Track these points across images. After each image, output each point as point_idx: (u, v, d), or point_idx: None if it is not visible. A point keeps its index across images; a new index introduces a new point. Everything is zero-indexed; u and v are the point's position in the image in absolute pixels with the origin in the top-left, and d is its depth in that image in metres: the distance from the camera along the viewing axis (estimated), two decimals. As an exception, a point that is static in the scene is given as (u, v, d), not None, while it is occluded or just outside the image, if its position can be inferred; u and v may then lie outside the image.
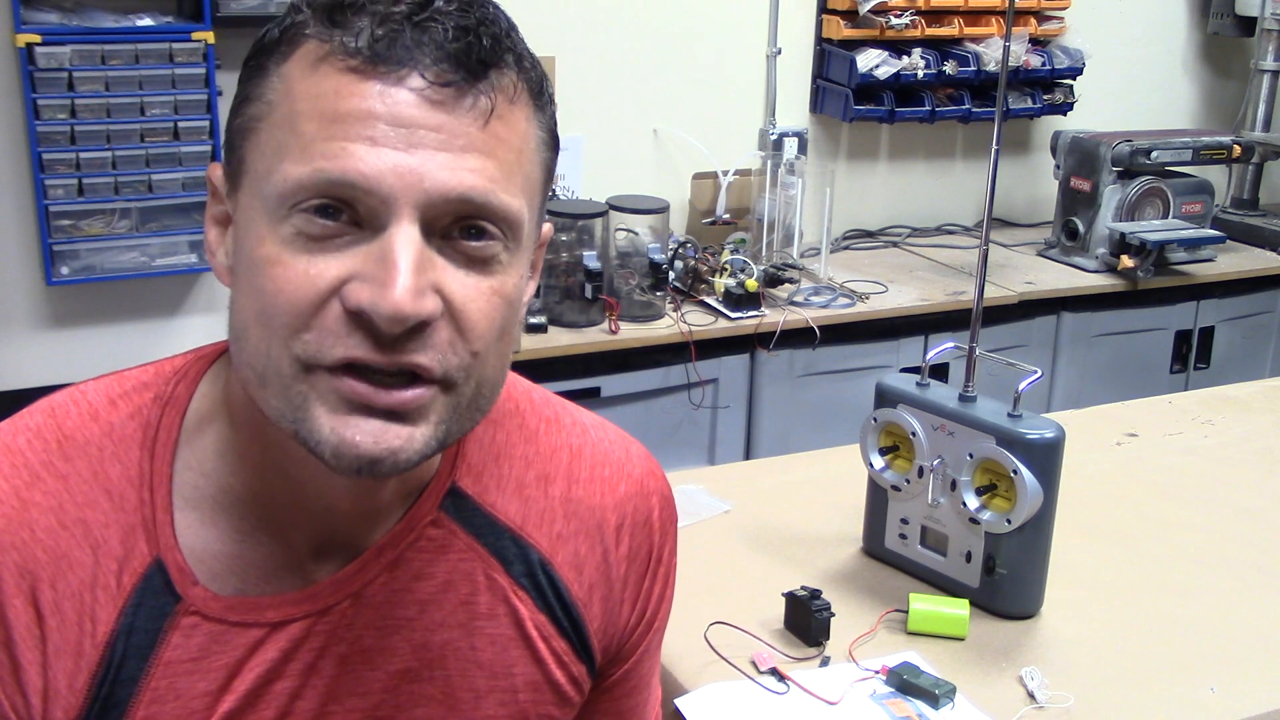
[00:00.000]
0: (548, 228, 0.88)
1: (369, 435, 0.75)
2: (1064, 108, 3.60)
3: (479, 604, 0.91)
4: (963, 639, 1.42)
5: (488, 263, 0.77)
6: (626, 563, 0.98)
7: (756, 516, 1.69)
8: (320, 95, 0.74)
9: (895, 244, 3.56)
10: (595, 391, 2.72)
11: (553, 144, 0.83)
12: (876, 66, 3.28)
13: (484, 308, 0.76)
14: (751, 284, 2.85)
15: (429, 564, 0.90)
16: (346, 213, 0.74)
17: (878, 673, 1.33)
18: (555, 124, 0.83)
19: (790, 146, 3.26)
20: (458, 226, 0.76)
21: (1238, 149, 3.52)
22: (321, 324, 0.74)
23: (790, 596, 1.40)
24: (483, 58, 0.75)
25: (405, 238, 0.73)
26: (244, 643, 0.85)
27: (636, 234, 2.82)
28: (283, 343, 0.74)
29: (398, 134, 0.73)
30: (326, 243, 0.74)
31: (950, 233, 3.69)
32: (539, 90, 0.80)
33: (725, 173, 3.26)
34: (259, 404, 0.78)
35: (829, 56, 3.37)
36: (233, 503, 0.85)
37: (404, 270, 0.72)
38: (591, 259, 2.71)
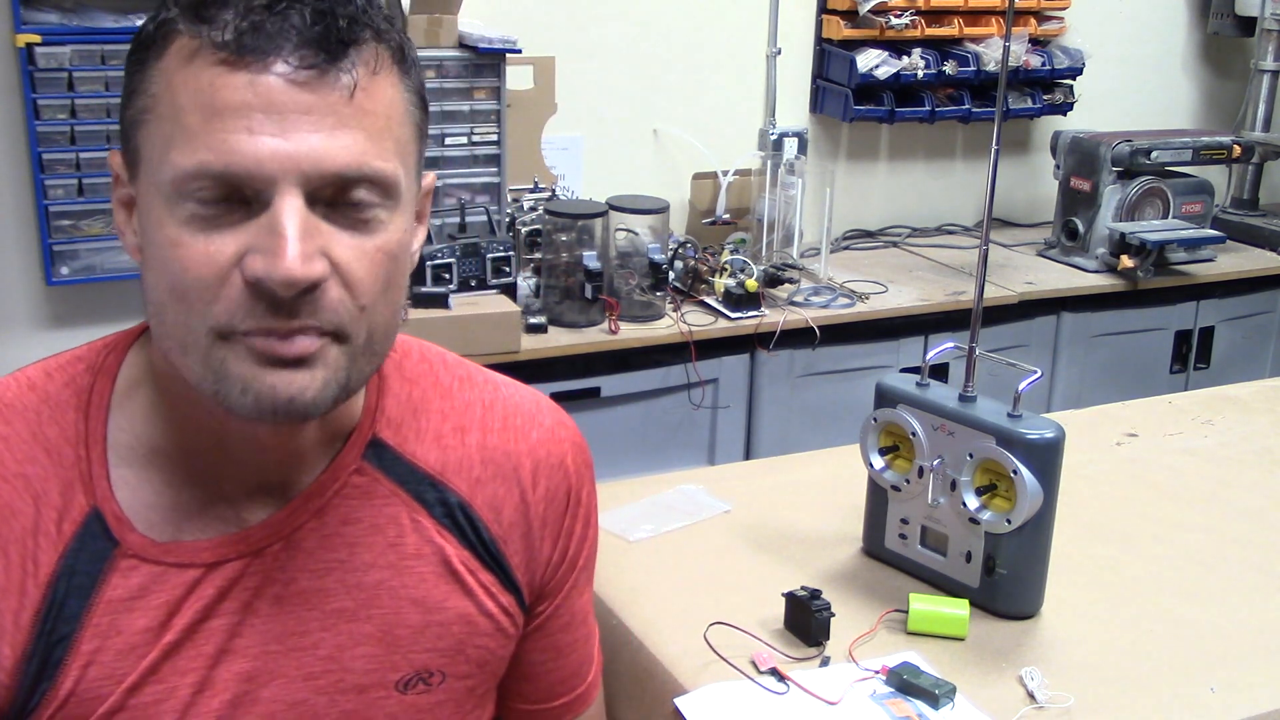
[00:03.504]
0: (429, 178, 0.96)
1: (278, 382, 0.83)
2: (1064, 108, 3.60)
3: (406, 545, 0.99)
4: (963, 639, 1.42)
5: (369, 223, 0.84)
6: (545, 503, 1.06)
7: (756, 516, 1.69)
8: (198, 90, 0.80)
9: (895, 244, 3.56)
10: (595, 391, 2.72)
11: (421, 104, 0.90)
12: (876, 66, 3.29)
13: (368, 265, 0.84)
14: (751, 284, 2.85)
15: (355, 509, 0.97)
16: (235, 192, 0.81)
17: (878, 673, 1.33)
18: (422, 84, 0.91)
19: (790, 146, 3.26)
20: (339, 195, 0.83)
21: (1238, 149, 3.52)
22: (227, 295, 0.81)
23: (790, 596, 1.40)
24: (341, 38, 0.82)
25: (290, 210, 0.80)
26: (182, 582, 0.92)
27: (636, 234, 2.82)
28: (199, 316, 0.82)
29: (272, 120, 0.80)
30: (220, 220, 0.81)
31: (950, 233, 3.70)
32: (401, 57, 0.87)
33: (725, 173, 3.26)
34: (181, 370, 0.86)
35: (829, 56, 3.37)
36: (163, 459, 0.93)
37: (291, 239, 0.80)
38: (591, 259, 2.71)
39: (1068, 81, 3.59)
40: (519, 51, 2.79)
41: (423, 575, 0.99)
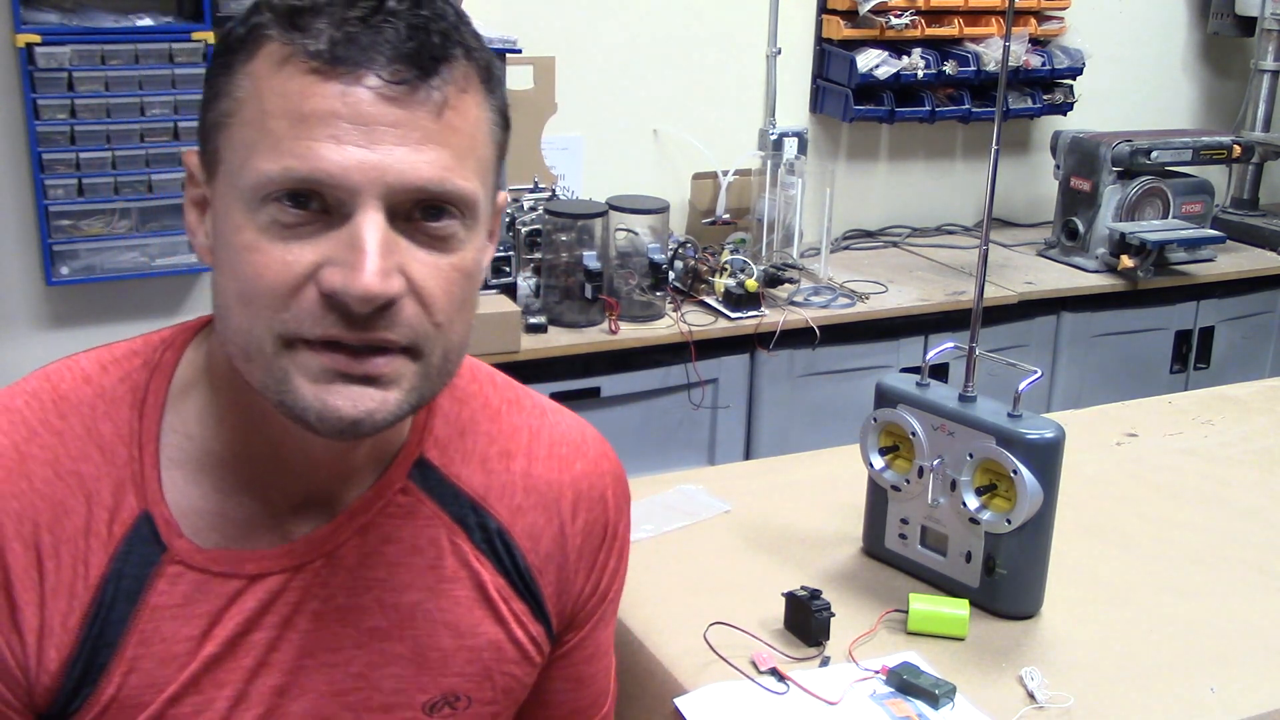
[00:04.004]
0: (503, 196, 0.94)
1: (348, 400, 0.82)
2: (1064, 108, 3.60)
3: (445, 567, 0.98)
4: (963, 639, 1.42)
5: (447, 240, 0.83)
6: (582, 536, 1.05)
7: (756, 516, 1.69)
8: (286, 95, 0.79)
9: (895, 244, 3.56)
10: (595, 391, 2.72)
11: (504, 123, 0.89)
12: (876, 66, 3.29)
13: (444, 283, 0.83)
14: (751, 284, 2.85)
15: (397, 529, 0.97)
16: (315, 200, 0.80)
17: (878, 673, 1.33)
18: (506, 104, 0.89)
19: (790, 146, 3.26)
20: (418, 209, 0.82)
21: (1238, 149, 3.52)
22: (299, 305, 0.80)
23: (790, 596, 1.40)
24: (434, 54, 0.81)
25: (371, 224, 0.79)
26: (225, 592, 0.91)
27: (636, 234, 2.82)
28: (264, 322, 0.81)
29: (359, 131, 0.79)
30: (299, 230, 0.80)
31: (950, 233, 3.70)
32: (488, 76, 0.86)
33: (725, 173, 3.26)
34: (245, 376, 0.85)
35: (829, 56, 3.37)
36: (215, 463, 0.92)
37: (371, 254, 0.79)
38: (591, 259, 2.71)
39: (1068, 81, 3.59)
40: (519, 51, 2.79)
41: (458, 599, 0.98)
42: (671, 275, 2.92)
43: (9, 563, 0.86)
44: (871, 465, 1.55)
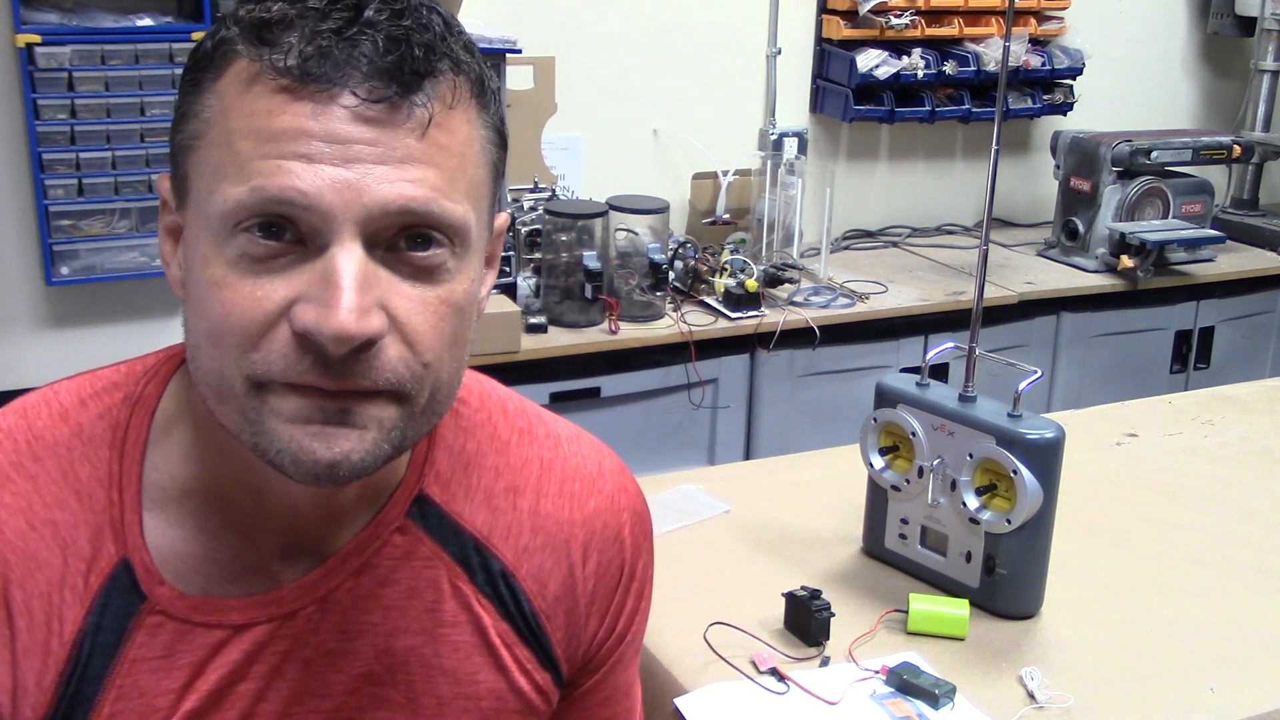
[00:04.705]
0: (502, 217, 0.88)
1: (323, 441, 0.75)
2: (1064, 108, 3.60)
3: (444, 611, 0.92)
4: (963, 639, 1.42)
5: (434, 272, 0.77)
6: (595, 579, 0.98)
7: (756, 516, 1.69)
8: (254, 114, 0.73)
9: (895, 244, 3.56)
10: (595, 391, 2.72)
11: (499, 140, 0.82)
12: (876, 66, 3.29)
13: (431, 320, 0.77)
14: (751, 284, 2.85)
15: (394, 570, 0.90)
16: (289, 230, 0.74)
17: (878, 673, 1.33)
18: (501, 118, 0.82)
19: (790, 146, 3.26)
20: (402, 237, 0.75)
21: (1238, 149, 3.52)
22: (271, 345, 0.74)
23: (790, 596, 1.41)
24: (416, 69, 0.74)
25: (347, 256, 0.73)
26: (208, 643, 0.85)
27: (636, 234, 2.82)
28: (234, 363, 0.75)
29: (334, 150, 0.72)
30: (271, 263, 0.74)
31: (950, 233, 3.70)
32: (480, 89, 0.79)
33: (725, 173, 3.26)
34: (219, 417, 0.79)
35: (829, 56, 3.37)
36: (199, 504, 0.86)
37: (347, 290, 0.72)
38: (591, 259, 2.71)
39: (1068, 81, 3.59)
40: (519, 51, 2.79)
41: (456, 645, 0.92)
42: (671, 275, 2.92)
43: None
44: (871, 465, 1.55)
